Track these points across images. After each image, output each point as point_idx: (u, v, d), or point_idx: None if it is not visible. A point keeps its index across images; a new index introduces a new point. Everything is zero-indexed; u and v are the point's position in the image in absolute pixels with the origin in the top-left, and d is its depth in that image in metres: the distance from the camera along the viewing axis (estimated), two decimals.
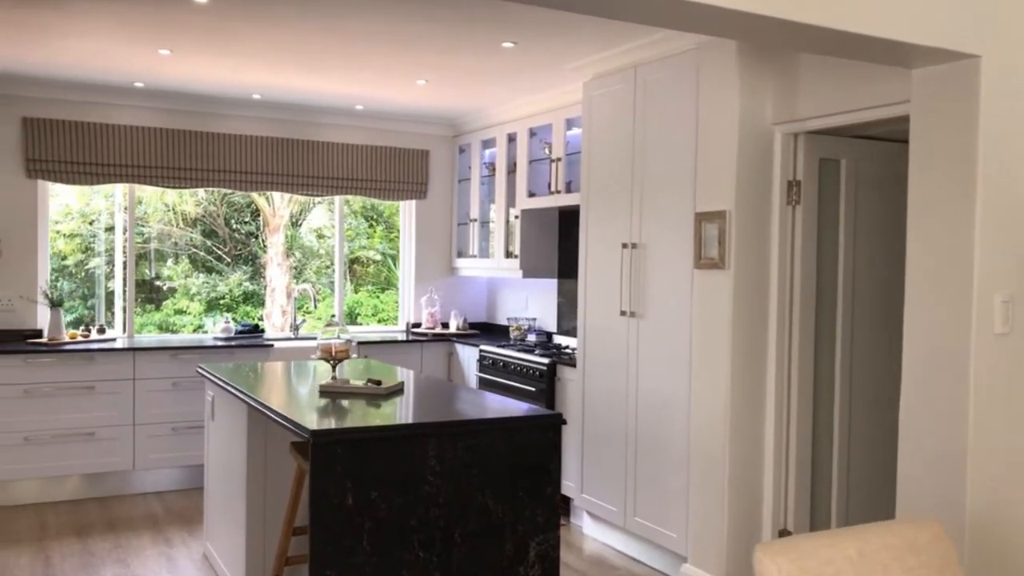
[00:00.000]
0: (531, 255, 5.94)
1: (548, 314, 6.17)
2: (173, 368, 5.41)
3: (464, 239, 6.77)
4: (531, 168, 5.86)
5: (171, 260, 11.76)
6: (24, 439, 5.06)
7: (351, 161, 6.41)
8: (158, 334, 9.16)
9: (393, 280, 12.28)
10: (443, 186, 6.83)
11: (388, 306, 12.04)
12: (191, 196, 10.96)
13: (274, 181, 6.18)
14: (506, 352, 5.51)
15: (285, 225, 11.33)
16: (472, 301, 6.95)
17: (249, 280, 11.38)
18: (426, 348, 6.23)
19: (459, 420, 2.97)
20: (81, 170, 5.61)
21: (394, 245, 11.78)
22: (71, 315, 11.10)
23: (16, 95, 5.47)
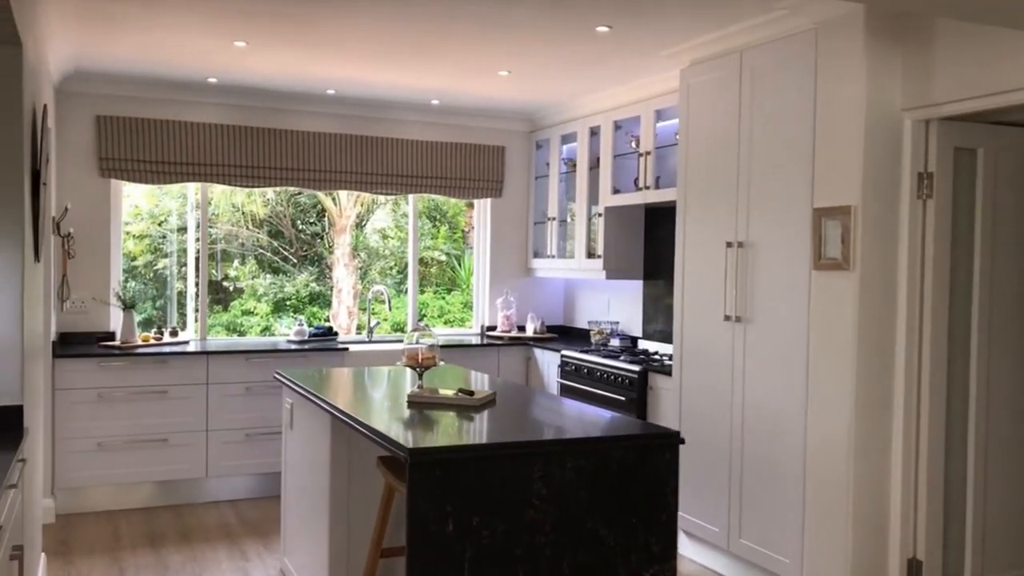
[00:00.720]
0: (615, 255, 5.63)
1: (632, 317, 5.85)
2: (246, 372, 5.24)
3: (541, 239, 6.49)
4: (616, 163, 5.54)
5: (237, 261, 11.76)
6: (97, 445, 4.93)
7: (425, 158, 6.18)
8: (229, 336, 9.10)
9: (458, 281, 12.07)
10: (519, 184, 6.56)
11: (454, 307, 11.83)
12: (260, 196, 10.91)
13: (347, 179, 5.98)
14: (591, 358, 5.21)
15: (351, 225, 11.22)
16: (549, 303, 6.66)
17: (315, 281, 11.30)
18: (503, 352, 5.96)
19: (569, 438, 2.67)
20: (153, 169, 5.47)
21: (458, 245, 11.56)
22: (140, 315, 11.11)
23: (90, 93, 5.36)
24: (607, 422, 3.06)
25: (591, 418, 3.14)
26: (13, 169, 2.81)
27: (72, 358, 4.87)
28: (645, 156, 5.15)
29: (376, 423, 2.83)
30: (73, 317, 5.33)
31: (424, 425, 2.93)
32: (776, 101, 3.79)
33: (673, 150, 5.12)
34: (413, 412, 3.11)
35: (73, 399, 4.87)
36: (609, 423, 3.04)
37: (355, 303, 11.18)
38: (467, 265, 12.03)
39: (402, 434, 2.69)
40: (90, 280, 5.38)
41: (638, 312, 5.79)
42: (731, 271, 4.02)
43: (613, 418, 3.13)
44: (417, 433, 2.80)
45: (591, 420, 3.10)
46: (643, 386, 4.71)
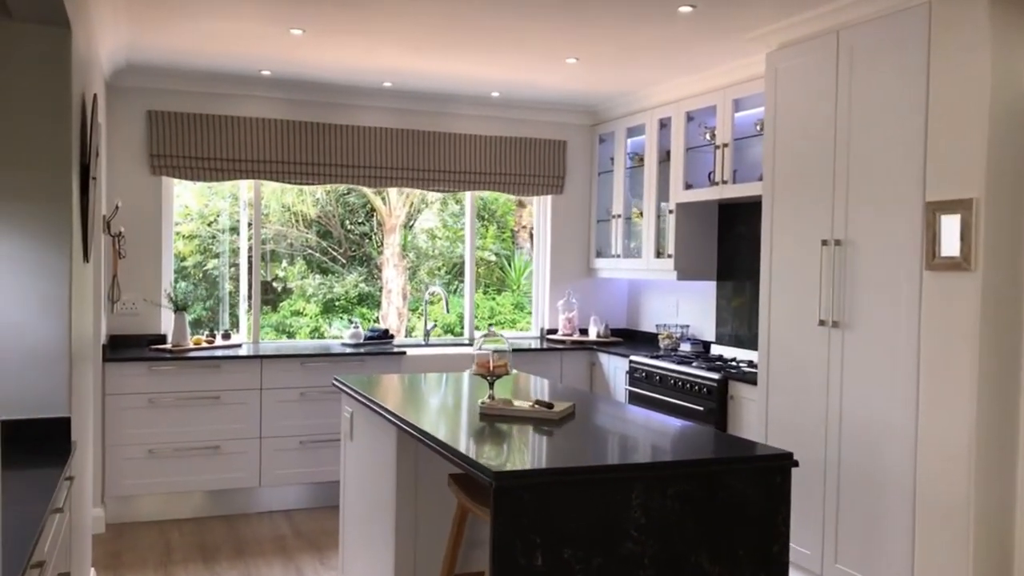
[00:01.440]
0: (687, 255, 5.31)
1: (703, 321, 5.52)
2: (301, 377, 5.02)
3: (604, 237, 6.19)
4: (688, 156, 5.22)
5: (285, 261, 11.65)
6: (148, 452, 4.75)
7: (484, 154, 5.92)
8: (280, 339, 8.94)
9: (508, 282, 11.81)
10: (581, 180, 6.27)
11: (504, 308, 11.56)
12: (310, 196, 10.77)
13: (402, 176, 5.73)
14: (663, 364, 4.89)
15: (400, 225, 11.03)
16: (612, 305, 6.36)
17: (364, 281, 11.13)
18: (565, 357, 5.67)
19: (671, 461, 2.37)
20: (205, 166, 5.28)
21: (507, 245, 11.26)
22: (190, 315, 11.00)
23: (141, 87, 5.19)
24: (706, 440, 2.75)
25: (685, 435, 2.84)
26: (61, 162, 2.60)
27: (122, 362, 4.69)
28: (722, 148, 4.83)
29: (450, 439, 2.56)
30: (123, 319, 5.17)
31: (504, 442, 2.65)
32: (879, 84, 3.45)
33: (752, 142, 4.79)
34: (487, 426, 2.84)
35: (123, 405, 4.69)
36: (709, 441, 2.73)
37: (404, 304, 10.99)
38: (517, 265, 11.77)
39: (483, 454, 2.42)
40: (141, 281, 5.21)
41: (710, 315, 5.45)
42: (826, 271, 3.68)
43: (712, 435, 2.82)
44: (498, 453, 2.53)
45: (687, 438, 2.80)
46: (723, 395, 4.38)
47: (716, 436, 2.80)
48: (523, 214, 12.00)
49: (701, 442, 2.72)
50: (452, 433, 2.75)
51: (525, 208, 11.81)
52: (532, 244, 12.09)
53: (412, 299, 11.22)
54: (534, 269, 6.37)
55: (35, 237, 2.55)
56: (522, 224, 12.29)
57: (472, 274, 6.20)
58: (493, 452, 2.51)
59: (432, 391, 3.69)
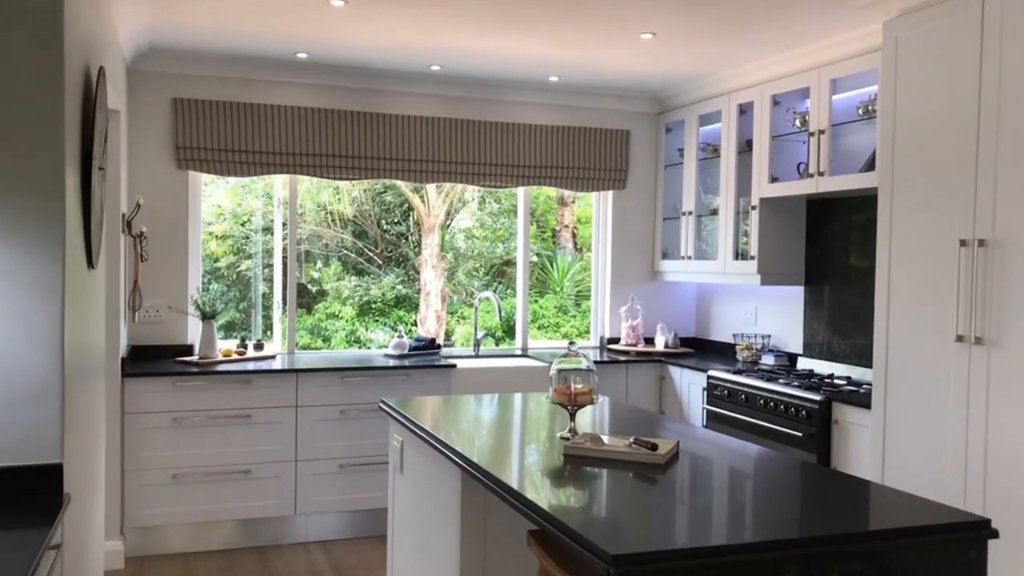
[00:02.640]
0: (772, 256, 4.72)
1: (788, 330, 4.92)
2: (341, 393, 4.50)
3: (672, 237, 5.60)
4: (773, 146, 4.63)
5: (320, 262, 11.23)
6: (172, 477, 4.26)
7: (539, 145, 5.36)
8: (317, 347, 8.47)
9: (550, 283, 11.24)
10: (645, 173, 5.69)
11: (547, 312, 11.00)
12: (347, 194, 10.31)
13: (449, 170, 5.20)
14: (748, 381, 4.30)
15: (439, 224, 10.57)
16: (679, 312, 5.77)
17: (401, 283, 10.69)
18: (631, 371, 5.10)
19: (834, 535, 1.80)
20: (235, 159, 4.79)
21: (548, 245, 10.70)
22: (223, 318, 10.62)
23: (166, 72, 4.71)
24: (865, 497, 2.15)
25: (834, 489, 2.25)
26: (49, 146, 2.09)
27: (143, 377, 4.21)
28: (817, 136, 4.23)
29: (534, 493, 2.01)
30: (147, 328, 4.69)
31: (603, 500, 2.10)
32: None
33: (852, 128, 4.19)
34: (573, 470, 2.29)
35: (145, 424, 4.21)
36: (872, 499, 2.14)
37: (443, 307, 10.52)
38: (560, 266, 11.23)
39: (588, 524, 1.86)
40: (166, 286, 4.73)
41: (795, 324, 4.86)
42: (966, 277, 3.08)
43: (870, 489, 2.22)
44: (602, 517, 1.97)
45: (840, 494, 2.20)
46: (825, 420, 3.79)
47: (878, 491, 2.21)
48: (564, 212, 11.44)
49: (858, 500, 2.13)
50: (533, 482, 2.20)
51: (567, 206, 11.26)
52: (575, 244, 11.59)
53: (451, 302, 10.75)
54: (593, 272, 5.81)
55: (15, 242, 2.04)
56: (564, 223, 11.74)
57: (525, 276, 5.65)
58: (594, 516, 1.96)
59: (498, 420, 3.14)
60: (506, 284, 11.20)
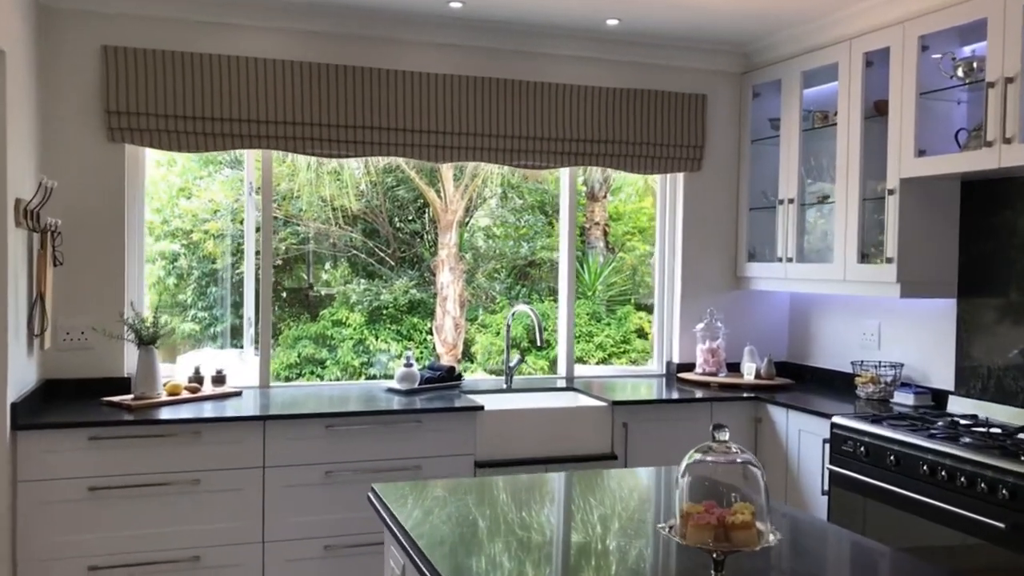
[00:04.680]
0: (916, 257, 3.44)
1: (928, 358, 3.64)
2: (326, 447, 3.27)
3: (762, 233, 4.33)
4: (921, 107, 3.34)
5: (328, 263, 10.20)
6: (88, 570, 3.03)
7: (590, 113, 4.10)
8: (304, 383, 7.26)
9: (583, 288, 10.05)
10: (726, 150, 4.41)
11: (579, 319, 9.78)
12: (352, 188, 9.19)
13: (474, 144, 3.95)
14: (899, 436, 3.02)
15: (458, 221, 9.43)
16: (770, 330, 4.50)
17: (415, 287, 9.57)
18: (716, 410, 3.82)
19: None
20: (188, 128, 3.56)
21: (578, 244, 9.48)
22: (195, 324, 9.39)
23: (94, 10, 3.49)
24: None
25: None
26: None
27: (45, 430, 2.98)
28: (1001, 87, 2.94)
29: None
30: (66, 357, 3.47)
31: None
32: None
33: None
34: None
35: (47, 496, 2.99)
36: None
37: (462, 313, 9.36)
38: (592, 267, 10.00)
39: None
40: (93, 299, 3.52)
41: (942, 349, 3.57)
42: None
43: None
44: None
45: None
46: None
47: None
48: (595, 208, 10.23)
49: None
50: None
51: (598, 201, 10.01)
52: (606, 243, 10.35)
53: (470, 307, 9.63)
54: (657, 278, 4.53)
55: None
56: (594, 220, 10.55)
57: (571, 284, 4.36)
58: None
59: (565, 544, 1.88)
60: (530, 287, 10.03)
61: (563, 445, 3.55)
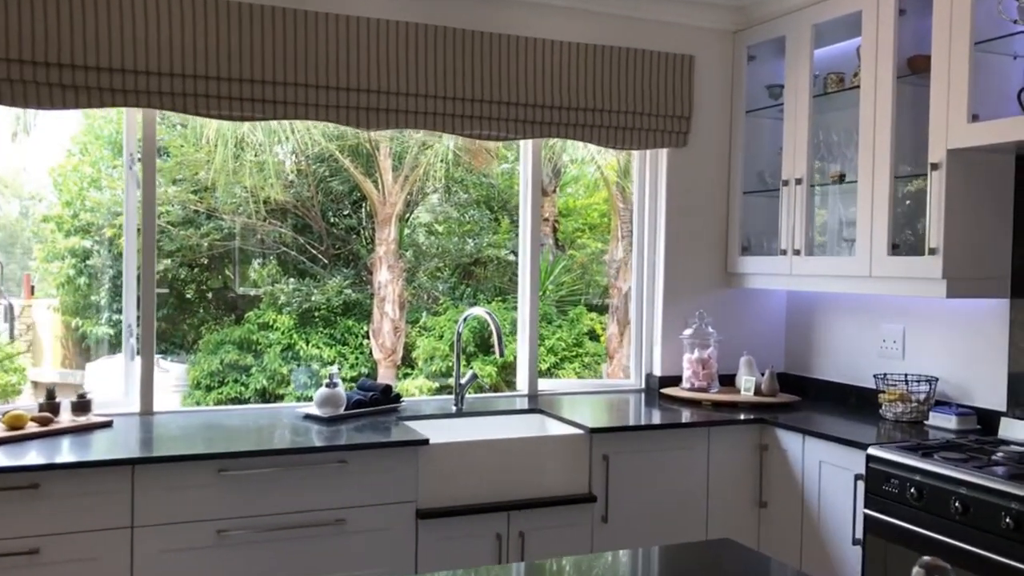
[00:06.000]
0: (966, 248, 2.78)
1: (971, 370, 2.99)
2: (219, 499, 2.46)
3: (760, 220, 3.65)
4: (979, 61, 2.68)
5: (257, 261, 9.42)
6: None
7: (556, 73, 3.35)
8: (198, 407, 6.47)
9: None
10: (716, 123, 3.71)
11: None
12: (276, 177, 8.36)
13: (417, 109, 3.16)
14: (963, 475, 2.34)
15: (397, 215, 8.70)
16: (765, 336, 3.82)
17: (351, 286, 8.82)
18: (714, 437, 3.11)
19: None
20: (38, 77, 2.71)
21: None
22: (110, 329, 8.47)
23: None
24: None
25: None
26: None
27: None
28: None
29: None
30: None
31: None
32: None
33: None
34: None
35: None
36: None
37: (401, 315, 8.61)
38: (544, 265, 9.29)
39: None
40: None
41: (990, 360, 2.92)
42: None
43: None
44: None
45: None
46: None
47: None
48: (544, 203, 9.55)
49: None
50: None
51: (547, 196, 9.32)
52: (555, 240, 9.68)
53: (411, 308, 8.91)
54: (634, 275, 3.81)
55: None
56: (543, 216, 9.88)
57: (534, 282, 3.60)
58: None
59: None
60: (475, 287, 9.30)
61: (529, 485, 2.80)
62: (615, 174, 8.47)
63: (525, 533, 2.77)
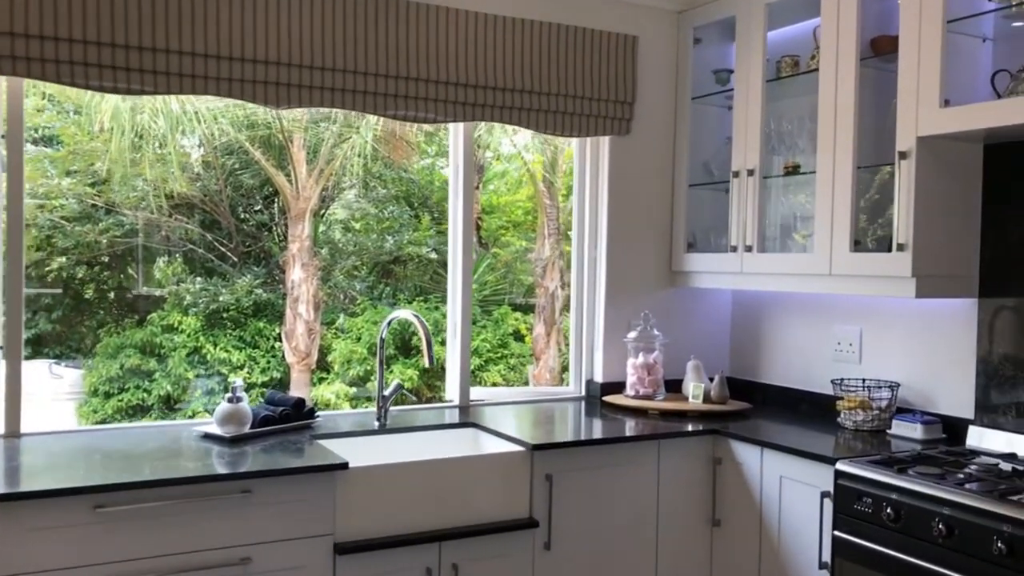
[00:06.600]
0: (935, 244, 2.58)
1: (935, 376, 2.80)
2: (96, 541, 2.05)
3: (704, 216, 3.41)
4: (953, 43, 2.48)
5: (162, 260, 8.89)
6: None
7: (491, 50, 3.04)
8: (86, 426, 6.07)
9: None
10: (660, 109, 3.45)
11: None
12: (179, 168, 7.85)
13: (332, 85, 2.80)
14: (950, 495, 2.12)
15: (311, 211, 8.30)
16: (711, 339, 3.58)
17: (262, 286, 8.37)
18: (664, 450, 2.84)
19: None
20: None
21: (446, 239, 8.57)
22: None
23: None
24: None
25: None
26: None
27: None
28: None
29: None
30: None
31: None
32: None
33: None
34: None
35: None
36: None
37: (316, 317, 8.20)
38: None
39: None
40: None
41: (955, 365, 2.74)
42: None
43: None
44: None
45: None
46: None
47: None
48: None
49: None
50: None
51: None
52: (479, 238, 9.39)
53: (326, 309, 8.51)
54: (573, 272, 3.53)
55: None
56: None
57: (466, 281, 3.26)
58: None
59: None
60: (395, 287, 8.94)
61: (463, 511, 2.47)
62: (542, 170, 8.22)
63: (459, 565, 2.44)
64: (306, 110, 7.76)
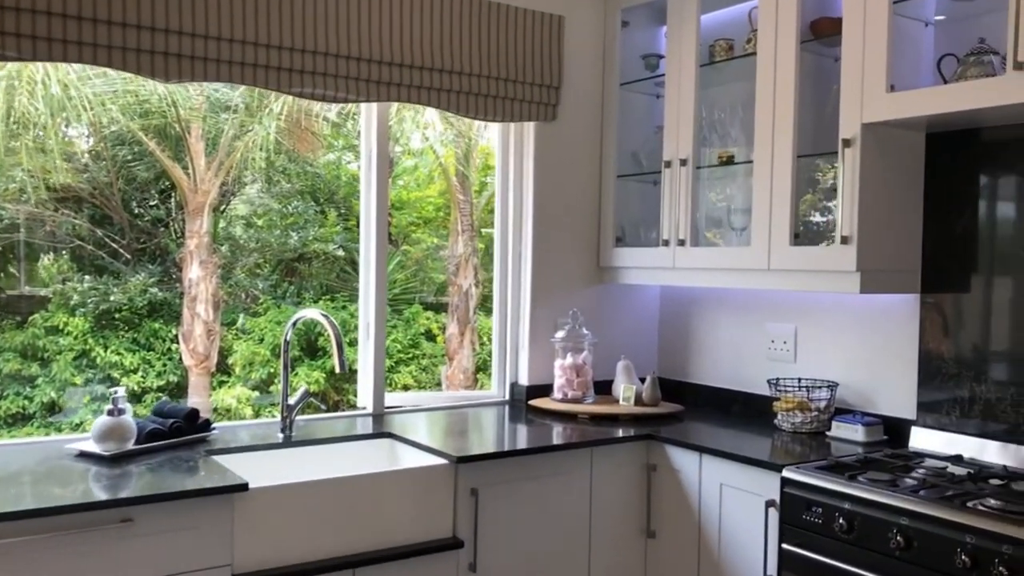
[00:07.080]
0: (880, 237, 2.47)
1: (874, 375, 2.70)
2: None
3: (633, 208, 3.24)
4: (897, 26, 2.36)
5: (47, 257, 8.36)
6: None
7: (407, 27, 2.78)
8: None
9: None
10: (587, 95, 3.26)
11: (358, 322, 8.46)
12: (61, 158, 7.33)
13: (230, 58, 2.49)
14: (909, 504, 1.99)
15: (209, 205, 7.90)
16: (639, 337, 3.41)
17: (157, 284, 7.94)
18: (596, 458, 2.64)
19: None
20: None
21: (354, 235, 8.19)
22: None
23: None
24: None
25: None
26: None
27: None
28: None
29: None
30: None
31: None
32: None
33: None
34: None
35: None
36: None
37: (216, 317, 7.79)
38: None
39: None
40: None
41: (895, 363, 2.64)
42: None
43: None
44: None
45: None
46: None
47: None
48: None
49: None
50: None
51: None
52: (388, 235, 9.16)
53: (226, 308, 8.12)
54: (496, 269, 3.30)
55: None
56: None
57: (380, 278, 3.00)
58: None
59: None
60: (299, 285, 8.59)
61: (380, 533, 2.21)
62: (455, 164, 8.00)
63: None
64: (204, 97, 7.31)
